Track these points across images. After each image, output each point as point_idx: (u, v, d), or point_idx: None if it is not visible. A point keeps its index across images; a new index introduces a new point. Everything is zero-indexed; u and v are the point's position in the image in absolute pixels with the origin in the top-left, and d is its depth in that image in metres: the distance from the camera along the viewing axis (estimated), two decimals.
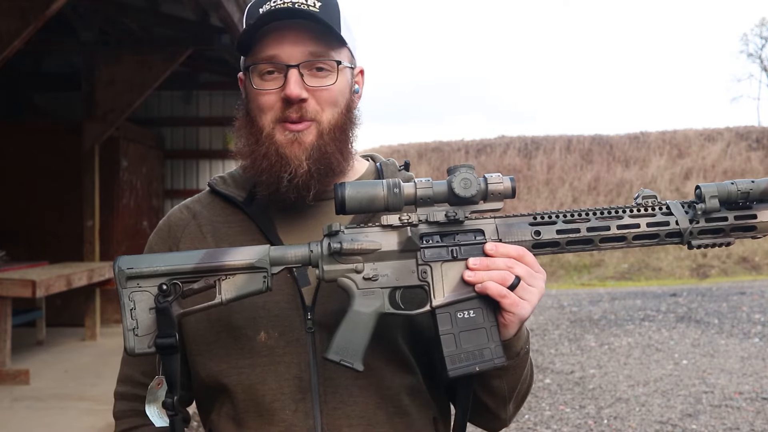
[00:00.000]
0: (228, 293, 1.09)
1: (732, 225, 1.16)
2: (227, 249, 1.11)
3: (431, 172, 18.70)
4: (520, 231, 1.14)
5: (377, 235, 1.12)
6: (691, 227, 1.15)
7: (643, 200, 1.16)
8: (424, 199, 1.11)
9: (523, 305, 1.11)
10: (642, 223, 1.15)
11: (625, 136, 19.87)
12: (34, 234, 7.93)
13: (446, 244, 1.12)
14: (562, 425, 5.22)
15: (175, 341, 1.07)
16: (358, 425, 1.20)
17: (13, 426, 4.63)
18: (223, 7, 5.74)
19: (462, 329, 1.10)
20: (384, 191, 1.09)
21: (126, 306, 1.08)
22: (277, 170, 1.20)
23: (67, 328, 7.62)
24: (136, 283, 1.08)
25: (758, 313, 9.56)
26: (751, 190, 1.14)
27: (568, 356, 7.44)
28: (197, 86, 9.84)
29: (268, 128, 1.22)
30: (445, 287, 1.11)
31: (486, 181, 1.11)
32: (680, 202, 1.18)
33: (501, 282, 1.09)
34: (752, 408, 5.48)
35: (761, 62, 37.37)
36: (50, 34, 6.83)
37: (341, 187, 1.09)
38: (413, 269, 1.12)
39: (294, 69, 1.19)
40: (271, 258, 1.10)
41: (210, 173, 9.88)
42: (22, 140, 8.00)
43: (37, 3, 4.13)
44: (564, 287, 14.02)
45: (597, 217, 1.15)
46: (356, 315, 1.10)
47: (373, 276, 1.11)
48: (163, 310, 1.06)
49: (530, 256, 1.12)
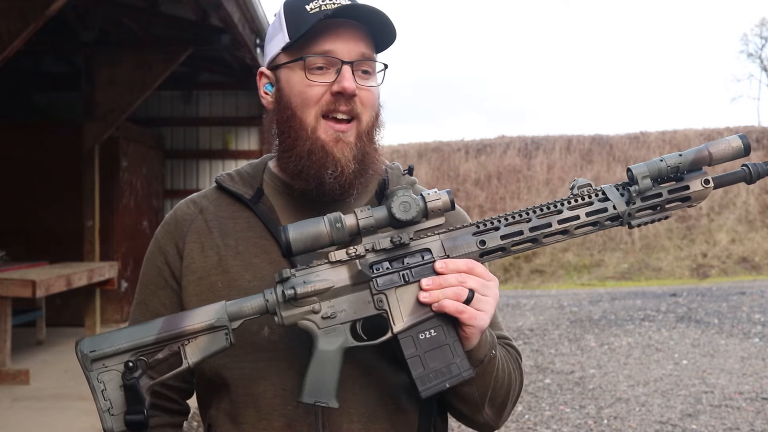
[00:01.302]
0: (193, 356, 1.11)
1: (667, 199, 1.20)
2: (185, 313, 1.13)
3: (431, 172, 18.70)
4: (466, 243, 1.16)
5: (328, 272, 1.13)
6: (628, 209, 1.18)
7: (579, 190, 1.19)
8: (367, 228, 1.13)
9: (481, 316, 1.13)
10: (581, 214, 1.18)
11: (625, 136, 19.86)
12: (34, 234, 7.93)
13: (397, 269, 1.14)
14: (562, 425, 5.22)
15: (143, 418, 1.08)
16: (359, 422, 1.21)
17: (13, 426, 4.63)
18: (223, 7, 5.74)
19: (426, 349, 1.13)
20: (327, 228, 1.11)
21: (96, 388, 1.09)
22: (322, 167, 1.22)
23: (67, 328, 7.62)
24: (102, 364, 1.09)
25: (758, 313, 9.56)
26: (680, 163, 1.18)
27: (568, 356, 7.43)
28: (197, 86, 9.84)
29: (312, 123, 1.23)
30: (403, 312, 1.13)
31: (424, 200, 1.13)
32: (614, 185, 1.20)
33: (456, 298, 1.12)
34: (752, 408, 5.48)
35: (761, 62, 37.37)
36: (50, 34, 6.82)
37: (285, 230, 1.11)
38: (369, 299, 1.14)
39: (348, 65, 1.22)
40: (228, 314, 1.11)
41: (210, 173, 9.88)
42: (22, 140, 8.00)
43: (37, 3, 4.13)
44: (564, 287, 14.02)
45: (537, 215, 1.17)
46: (322, 354, 1.12)
47: (332, 314, 1.13)
48: (131, 387, 1.07)
49: (480, 267, 1.15)
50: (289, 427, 1.20)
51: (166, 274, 1.31)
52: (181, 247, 1.31)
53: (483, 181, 18.75)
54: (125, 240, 8.57)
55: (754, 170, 1.19)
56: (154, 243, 1.35)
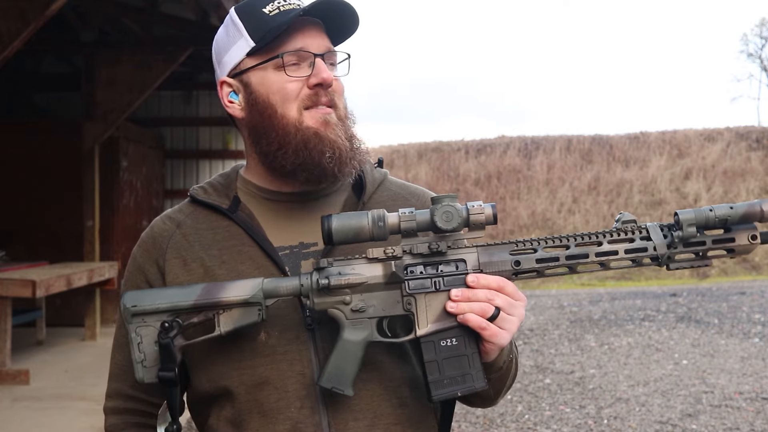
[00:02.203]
0: (226, 326, 1.16)
1: (710, 248, 1.20)
2: (224, 284, 1.17)
3: (431, 172, 18.70)
4: (501, 261, 1.18)
5: (363, 267, 1.17)
6: (668, 252, 1.19)
7: (623, 225, 1.19)
8: (408, 231, 1.15)
9: (503, 335, 1.16)
10: (620, 250, 1.18)
11: (625, 136, 19.87)
12: (34, 234, 7.93)
13: (429, 275, 1.17)
14: (562, 425, 5.21)
15: (174, 375, 1.15)
16: (364, 418, 1.22)
17: (13, 426, 4.63)
18: (223, 7, 5.74)
19: (445, 356, 1.17)
20: (369, 223, 1.14)
21: (133, 340, 1.16)
22: (321, 152, 1.24)
23: (67, 328, 7.63)
24: (141, 319, 1.16)
25: (758, 313, 9.56)
26: (729, 216, 1.17)
27: (568, 356, 7.43)
28: (197, 86, 9.84)
29: (296, 117, 1.25)
30: (429, 317, 1.17)
31: (468, 211, 1.15)
32: (660, 225, 1.20)
33: (481, 314, 1.14)
34: (752, 408, 5.48)
35: (761, 62, 37.38)
36: (50, 34, 6.83)
37: (328, 220, 1.15)
38: (398, 300, 1.17)
39: (320, 58, 1.25)
40: (264, 291, 1.16)
41: (210, 173, 9.88)
42: (22, 140, 8.00)
43: (37, 3, 4.13)
44: (564, 287, 14.01)
45: (577, 243, 1.19)
46: (346, 344, 1.16)
47: (361, 307, 1.17)
48: (165, 346, 1.14)
49: (510, 286, 1.17)
50: (295, 429, 1.20)
51: None
52: (161, 265, 1.30)
53: (483, 181, 18.75)
54: (125, 240, 8.57)
55: None
56: (133, 263, 1.34)
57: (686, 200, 17.31)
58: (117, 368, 1.34)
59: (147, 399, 1.30)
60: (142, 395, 1.30)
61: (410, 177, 17.72)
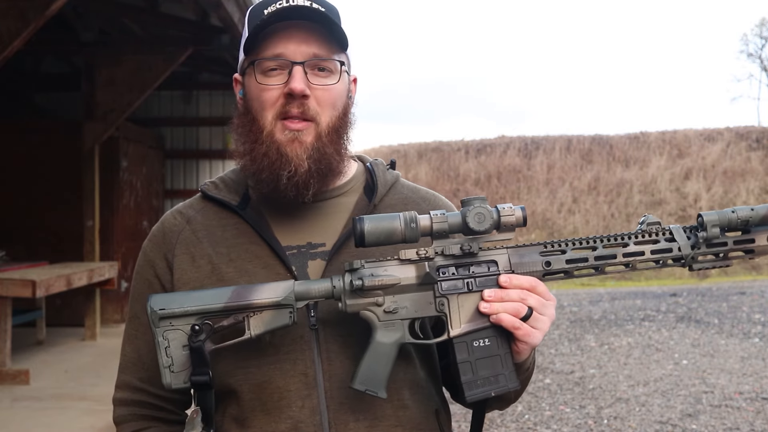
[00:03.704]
0: (257, 329, 1.15)
1: (731, 248, 1.23)
2: (254, 286, 1.16)
3: (431, 172, 18.70)
4: (532, 261, 1.20)
5: (396, 269, 1.17)
6: (692, 253, 1.21)
7: (648, 227, 1.22)
8: (440, 232, 1.16)
9: (535, 334, 1.18)
10: (647, 251, 1.21)
11: (625, 136, 19.86)
12: (34, 234, 7.93)
13: (462, 276, 1.18)
14: (562, 425, 5.21)
15: (209, 378, 1.14)
16: (365, 419, 1.22)
17: (13, 426, 4.63)
18: (223, 7, 5.74)
19: (478, 357, 1.17)
20: (402, 225, 1.14)
21: (161, 344, 1.14)
22: (277, 168, 1.22)
23: (67, 328, 7.63)
24: (168, 323, 1.14)
25: (758, 313, 9.56)
26: (751, 217, 1.21)
27: (568, 356, 7.43)
28: (197, 86, 9.84)
29: (269, 126, 1.23)
30: (462, 318, 1.17)
31: (498, 213, 1.16)
32: (683, 227, 1.23)
33: (514, 314, 1.16)
34: (752, 408, 5.48)
35: (761, 62, 37.38)
36: (50, 34, 6.82)
37: (360, 222, 1.14)
38: (431, 301, 1.18)
39: (299, 66, 1.22)
40: (296, 294, 1.15)
41: (210, 173, 9.88)
42: (22, 140, 8.00)
43: (37, 3, 4.13)
44: (564, 287, 14.02)
45: (604, 245, 1.21)
46: (379, 346, 1.16)
47: (394, 309, 1.16)
48: (197, 350, 1.12)
49: (542, 286, 1.19)
50: (296, 428, 1.20)
51: (156, 287, 1.31)
52: (170, 260, 1.30)
53: (483, 181, 18.75)
54: (125, 240, 8.57)
55: None
56: (143, 256, 1.35)
57: (686, 200, 17.31)
58: (126, 360, 1.34)
59: (155, 392, 1.31)
60: (150, 388, 1.31)
61: (410, 177, 17.70)
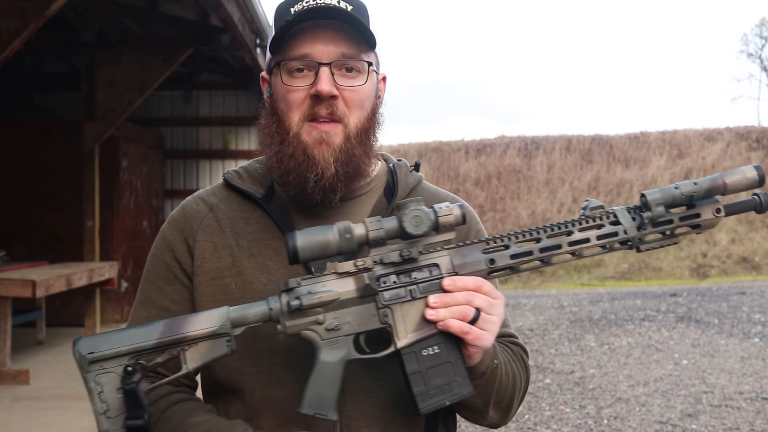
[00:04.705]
0: (193, 362, 1.09)
1: (677, 225, 1.20)
2: (187, 317, 1.10)
3: (431, 172, 18.69)
4: (475, 261, 1.15)
5: (334, 283, 1.12)
6: (639, 234, 1.18)
7: (591, 212, 1.18)
8: (377, 240, 1.11)
9: (485, 336, 1.12)
10: (592, 237, 1.17)
11: (625, 136, 19.85)
12: (34, 234, 7.93)
13: (404, 284, 1.13)
14: (562, 425, 5.21)
15: (144, 422, 1.06)
16: (376, 426, 1.21)
17: (13, 426, 4.63)
18: (223, 7, 5.74)
19: (428, 366, 1.12)
20: (335, 237, 1.09)
21: (93, 390, 1.07)
22: (304, 170, 1.20)
23: (67, 328, 7.62)
24: (99, 366, 1.06)
25: (758, 313, 9.56)
26: (695, 192, 1.18)
27: (568, 356, 7.43)
28: (197, 86, 9.84)
29: (295, 127, 1.22)
30: (408, 327, 1.12)
31: (436, 214, 1.11)
32: (626, 208, 1.20)
33: (462, 318, 1.10)
34: (752, 408, 5.47)
35: (761, 62, 37.37)
36: (50, 34, 6.82)
37: (292, 237, 1.08)
38: (374, 313, 1.12)
39: (326, 67, 1.20)
40: (231, 321, 1.09)
41: (210, 173, 9.88)
42: (23, 140, 8.00)
43: (37, 3, 4.13)
44: (564, 287, 14.02)
45: (548, 235, 1.17)
46: (324, 366, 1.11)
47: (336, 325, 1.11)
48: (130, 392, 1.05)
49: (488, 285, 1.14)
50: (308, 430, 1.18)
51: (175, 270, 1.28)
52: (191, 245, 1.28)
53: (483, 181, 18.74)
54: (125, 240, 8.57)
55: (765, 199, 1.20)
56: (161, 239, 1.32)
57: None
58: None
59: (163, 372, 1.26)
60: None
61: None
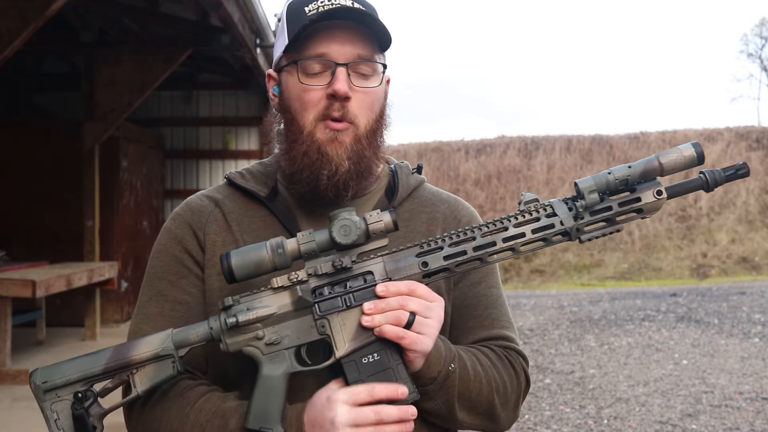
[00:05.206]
0: (142, 385, 1.12)
1: (618, 212, 1.16)
2: (133, 342, 1.14)
3: (431, 172, 18.70)
4: (408, 265, 1.15)
5: (271, 298, 1.13)
6: (576, 224, 1.15)
7: (526, 206, 1.16)
8: (309, 253, 1.12)
9: (422, 340, 1.12)
10: (527, 231, 1.15)
11: (625, 136, 19.85)
12: (34, 234, 7.93)
13: (339, 294, 1.13)
14: (562, 425, 5.21)
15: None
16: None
17: (13, 426, 4.63)
18: (223, 7, 5.74)
19: (369, 374, 1.12)
20: (268, 253, 1.11)
21: (50, 418, 1.11)
22: (318, 168, 1.21)
23: (67, 328, 7.63)
24: (54, 394, 1.11)
25: (758, 313, 9.56)
26: (629, 176, 1.14)
27: (568, 356, 7.43)
28: (197, 86, 9.84)
29: (309, 126, 1.22)
30: (346, 336, 1.12)
31: (366, 222, 1.11)
32: (563, 199, 1.17)
33: (396, 322, 1.10)
34: (752, 408, 5.47)
35: (761, 62, 37.38)
36: (50, 34, 6.82)
37: (226, 258, 1.11)
38: (312, 324, 1.13)
39: (343, 67, 1.20)
40: (174, 343, 1.13)
41: (210, 173, 9.88)
42: (23, 140, 8.00)
43: (37, 3, 4.13)
44: (564, 287, 14.02)
45: (483, 233, 1.15)
46: (267, 380, 1.12)
47: (276, 340, 1.13)
48: (79, 417, 1.10)
49: (422, 288, 1.13)
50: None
51: (188, 263, 1.28)
52: (201, 238, 1.28)
53: (483, 181, 18.74)
54: (125, 240, 8.57)
55: (711, 178, 1.16)
56: (167, 234, 1.31)
57: (686, 200, 17.30)
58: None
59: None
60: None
61: None
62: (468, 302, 1.33)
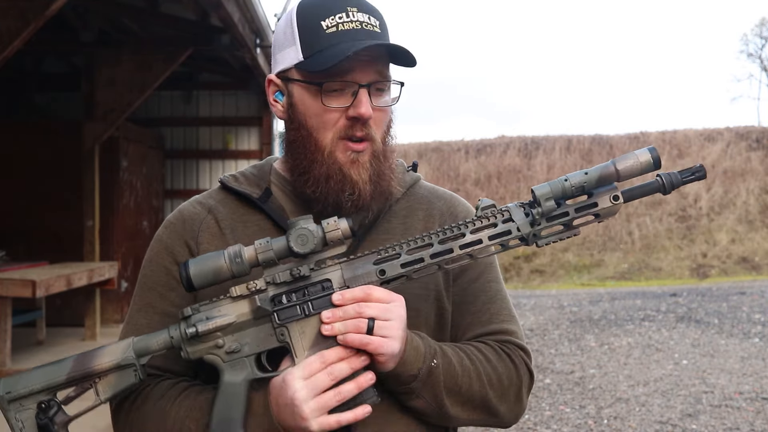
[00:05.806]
0: (105, 392, 1.16)
1: (574, 217, 1.17)
2: (94, 351, 1.16)
3: (431, 172, 18.71)
4: (366, 273, 1.15)
5: (230, 307, 1.15)
6: (533, 230, 1.16)
7: (483, 211, 1.17)
8: (267, 261, 1.13)
9: (387, 343, 1.12)
10: (484, 237, 1.16)
11: (625, 136, 19.86)
12: (34, 234, 7.93)
13: (297, 302, 1.14)
14: (562, 425, 5.21)
15: None
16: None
17: None
18: (223, 7, 5.74)
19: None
20: (227, 262, 1.12)
21: (15, 426, 1.13)
22: (340, 190, 1.21)
23: (67, 328, 7.62)
24: (19, 404, 1.13)
25: (758, 313, 9.56)
26: (585, 183, 1.15)
27: (568, 356, 7.43)
28: (197, 86, 9.84)
29: (330, 146, 1.22)
30: (305, 344, 1.13)
31: (323, 230, 1.12)
32: (520, 203, 1.18)
33: (357, 330, 1.10)
34: (752, 408, 5.48)
35: (761, 62, 37.37)
36: (50, 34, 6.82)
37: (185, 267, 1.13)
38: (271, 332, 1.15)
39: (365, 89, 1.20)
40: (135, 351, 1.15)
41: (210, 173, 9.88)
42: (23, 140, 8.00)
43: (37, 3, 4.13)
44: (564, 287, 14.02)
45: (440, 239, 1.16)
46: (228, 387, 1.14)
47: (236, 348, 1.14)
48: (44, 427, 1.12)
49: (378, 291, 1.13)
50: None
51: (177, 274, 1.28)
52: (193, 247, 1.28)
53: (483, 181, 18.75)
54: (125, 240, 8.57)
55: (668, 180, 1.17)
56: (158, 244, 1.32)
57: (686, 200, 17.31)
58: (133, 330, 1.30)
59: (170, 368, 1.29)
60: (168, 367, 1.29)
61: None
62: (467, 298, 1.33)
